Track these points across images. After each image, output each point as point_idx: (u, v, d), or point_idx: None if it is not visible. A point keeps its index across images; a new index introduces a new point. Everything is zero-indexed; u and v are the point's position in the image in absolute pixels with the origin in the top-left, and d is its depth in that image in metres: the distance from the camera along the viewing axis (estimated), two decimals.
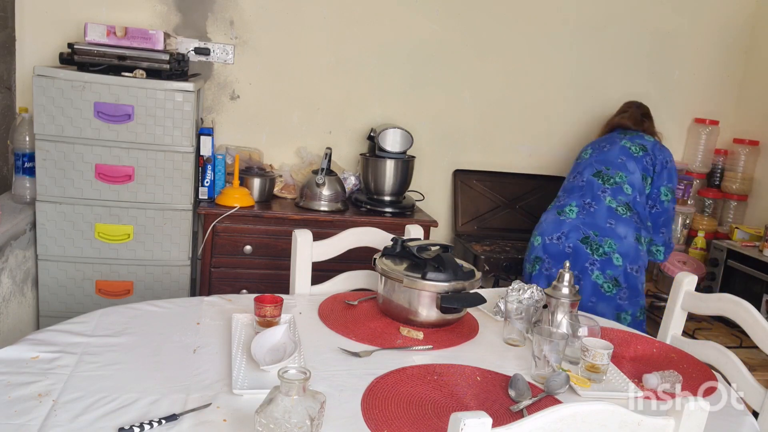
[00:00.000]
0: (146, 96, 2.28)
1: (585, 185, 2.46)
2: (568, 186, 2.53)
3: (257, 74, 2.89)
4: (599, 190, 2.42)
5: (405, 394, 1.29)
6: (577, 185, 2.49)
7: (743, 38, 3.25)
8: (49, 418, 1.11)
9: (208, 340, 1.48)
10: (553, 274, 2.34)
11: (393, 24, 2.95)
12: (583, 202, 2.42)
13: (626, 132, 2.60)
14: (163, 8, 2.75)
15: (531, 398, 1.31)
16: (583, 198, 2.43)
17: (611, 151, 2.50)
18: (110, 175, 2.32)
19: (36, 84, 2.22)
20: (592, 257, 2.33)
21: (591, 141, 2.68)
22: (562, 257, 2.35)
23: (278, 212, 2.58)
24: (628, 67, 3.20)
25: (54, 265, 2.35)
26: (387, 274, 1.67)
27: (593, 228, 2.35)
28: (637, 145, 2.49)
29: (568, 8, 3.09)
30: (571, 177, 2.56)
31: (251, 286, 2.56)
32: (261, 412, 1.02)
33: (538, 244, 2.43)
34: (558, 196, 2.57)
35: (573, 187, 2.50)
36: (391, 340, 1.56)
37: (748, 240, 2.86)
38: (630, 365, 1.56)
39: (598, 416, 0.94)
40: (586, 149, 2.61)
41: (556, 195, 2.60)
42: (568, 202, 2.45)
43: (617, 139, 2.54)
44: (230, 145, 2.87)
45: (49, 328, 1.45)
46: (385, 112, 3.02)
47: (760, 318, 1.54)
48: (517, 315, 1.63)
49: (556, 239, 2.39)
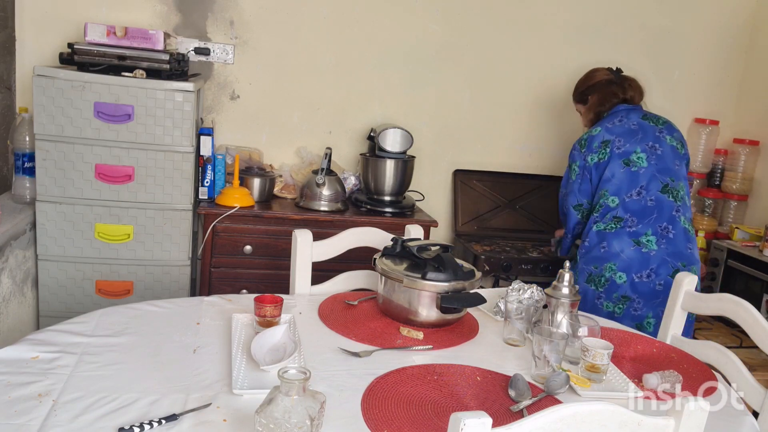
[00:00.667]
0: (146, 96, 2.28)
1: (656, 206, 2.18)
2: (633, 206, 2.19)
3: (257, 74, 2.89)
4: (673, 210, 2.19)
5: (405, 394, 1.29)
6: (646, 206, 2.18)
7: (743, 38, 3.25)
8: (49, 418, 1.11)
9: (208, 340, 1.48)
10: (643, 314, 2.17)
11: (393, 24, 2.95)
12: (659, 228, 2.17)
13: (647, 116, 2.32)
14: (163, 8, 2.75)
15: (531, 398, 1.31)
16: (659, 222, 2.17)
17: (664, 154, 2.23)
18: (110, 175, 2.32)
19: (36, 84, 2.22)
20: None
21: (605, 126, 2.32)
22: (653, 296, 2.14)
23: (278, 212, 2.59)
24: (628, 67, 3.18)
25: (54, 265, 2.35)
26: (387, 274, 1.67)
27: (679, 258, 2.16)
28: (677, 140, 2.28)
29: (568, 8, 3.09)
30: (629, 191, 2.21)
31: (251, 286, 2.56)
32: (261, 412, 1.02)
33: (624, 283, 2.16)
34: (619, 217, 2.20)
35: (642, 209, 2.19)
36: (391, 340, 1.56)
37: (749, 240, 2.87)
38: (630, 365, 1.56)
39: (598, 416, 0.94)
40: (615, 141, 2.25)
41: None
42: (643, 231, 2.16)
43: (653, 131, 2.26)
44: (230, 145, 2.87)
45: (49, 328, 1.45)
46: (385, 112, 3.02)
47: (760, 318, 1.54)
48: (517, 315, 1.63)
49: (645, 277, 2.15)
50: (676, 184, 2.22)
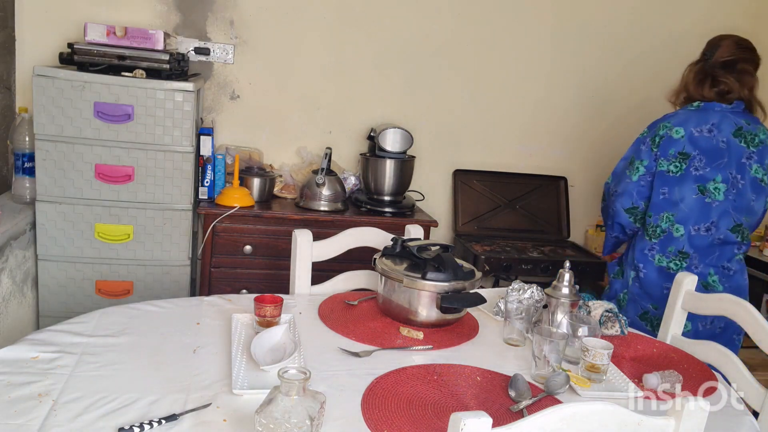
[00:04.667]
0: (146, 96, 2.28)
1: (721, 245, 2.01)
2: (700, 242, 2.02)
3: (257, 74, 2.89)
4: (735, 247, 2.04)
5: (405, 394, 1.29)
6: (713, 244, 2.01)
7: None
8: (49, 418, 1.11)
9: (208, 340, 1.48)
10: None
11: (393, 24, 2.95)
12: (721, 268, 2.03)
13: (741, 130, 1.98)
14: (163, 8, 2.75)
15: (531, 398, 1.31)
16: (720, 262, 2.02)
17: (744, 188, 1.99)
18: (110, 175, 2.32)
19: (36, 84, 2.22)
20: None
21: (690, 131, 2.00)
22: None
23: (278, 212, 2.59)
24: (630, 68, 3.20)
25: (54, 265, 2.35)
26: (387, 274, 1.67)
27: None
28: (765, 170, 2.00)
29: (570, 9, 3.08)
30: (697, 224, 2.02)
31: (251, 286, 2.56)
32: (261, 412, 1.02)
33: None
34: (685, 253, 2.03)
35: (710, 245, 2.02)
36: (391, 340, 1.56)
37: None
38: (630, 365, 1.56)
39: (598, 416, 0.94)
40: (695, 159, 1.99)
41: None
42: (706, 271, 2.01)
43: (741, 156, 1.99)
44: (230, 145, 2.87)
45: (49, 328, 1.45)
46: (385, 112, 3.02)
47: (761, 318, 1.54)
48: (517, 315, 1.63)
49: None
50: (749, 223, 2.02)
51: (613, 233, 2.23)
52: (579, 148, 3.24)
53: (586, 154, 3.25)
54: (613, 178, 2.21)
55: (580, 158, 3.24)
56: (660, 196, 2.03)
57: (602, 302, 1.73)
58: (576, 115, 3.22)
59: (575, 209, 3.23)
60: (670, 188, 2.02)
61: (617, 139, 3.26)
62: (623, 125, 3.24)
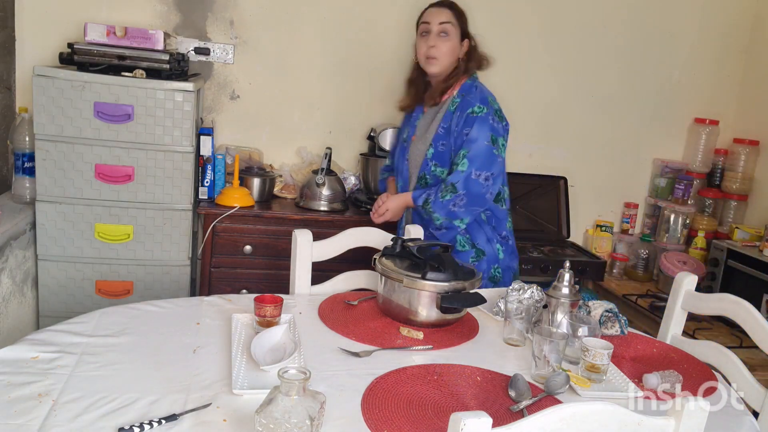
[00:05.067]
0: (146, 96, 2.28)
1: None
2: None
3: (257, 74, 2.88)
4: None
5: (405, 394, 1.29)
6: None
7: (743, 38, 3.25)
8: (49, 418, 1.11)
9: (208, 340, 1.48)
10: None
11: (393, 23, 2.94)
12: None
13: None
14: (163, 8, 2.74)
15: (531, 398, 1.31)
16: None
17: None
18: (110, 175, 2.32)
19: (36, 84, 2.22)
20: None
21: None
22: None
23: (278, 212, 2.59)
24: (628, 67, 3.20)
25: (54, 265, 2.35)
26: (387, 274, 1.67)
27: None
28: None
29: (568, 9, 3.08)
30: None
31: (251, 286, 2.56)
32: (261, 412, 1.02)
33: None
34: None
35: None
36: (391, 340, 1.56)
37: (748, 240, 2.86)
38: (630, 365, 1.56)
39: (598, 416, 0.94)
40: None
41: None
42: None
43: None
44: (230, 145, 2.87)
45: (49, 328, 1.45)
46: (385, 112, 3.02)
47: (760, 318, 1.54)
48: (517, 315, 1.63)
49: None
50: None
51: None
52: (579, 148, 3.24)
53: (586, 154, 3.25)
54: (480, 165, 2.09)
55: (580, 158, 3.24)
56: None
57: (602, 302, 1.73)
58: (576, 115, 3.22)
59: (575, 209, 3.23)
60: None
61: (617, 139, 3.26)
62: (623, 125, 3.25)
